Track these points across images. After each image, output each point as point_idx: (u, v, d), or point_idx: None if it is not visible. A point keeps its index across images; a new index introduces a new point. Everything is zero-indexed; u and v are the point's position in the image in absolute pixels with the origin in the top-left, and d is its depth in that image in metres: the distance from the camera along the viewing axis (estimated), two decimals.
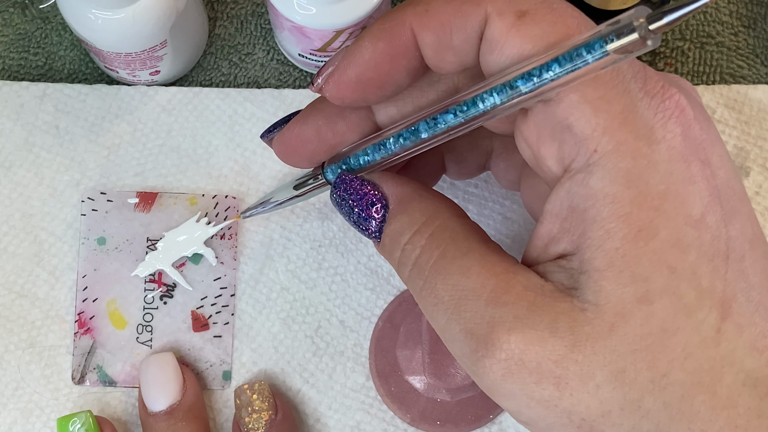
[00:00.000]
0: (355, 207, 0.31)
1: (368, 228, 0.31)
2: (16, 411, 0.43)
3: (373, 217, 0.31)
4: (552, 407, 0.26)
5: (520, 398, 0.27)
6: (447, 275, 0.28)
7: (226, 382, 0.43)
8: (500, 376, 0.27)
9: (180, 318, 0.44)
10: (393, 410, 0.43)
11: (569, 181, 0.27)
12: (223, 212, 0.44)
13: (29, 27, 0.46)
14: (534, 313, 0.26)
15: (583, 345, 0.26)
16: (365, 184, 0.31)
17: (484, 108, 0.27)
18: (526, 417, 0.27)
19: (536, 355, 0.26)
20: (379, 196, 0.31)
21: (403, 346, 0.43)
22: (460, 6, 0.28)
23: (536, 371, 0.26)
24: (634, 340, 0.26)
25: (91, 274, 0.44)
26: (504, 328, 0.26)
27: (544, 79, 0.26)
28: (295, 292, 0.44)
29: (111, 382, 0.43)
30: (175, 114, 0.45)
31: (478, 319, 0.27)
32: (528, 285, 0.27)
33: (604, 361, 0.26)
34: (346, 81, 0.31)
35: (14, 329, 0.44)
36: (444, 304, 0.28)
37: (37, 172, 0.45)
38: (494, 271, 0.28)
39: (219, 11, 0.47)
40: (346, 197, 0.31)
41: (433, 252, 0.29)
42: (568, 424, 0.26)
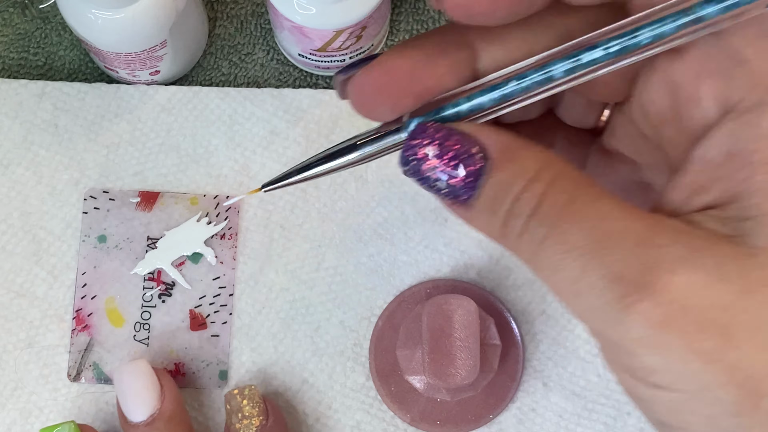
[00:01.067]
0: (443, 162, 0.26)
1: (460, 185, 0.25)
2: (15, 411, 0.43)
3: (469, 171, 0.25)
4: (713, 361, 0.23)
5: (675, 351, 0.23)
6: (581, 218, 0.24)
7: (222, 381, 0.43)
8: (658, 323, 0.23)
9: (178, 317, 0.44)
10: (393, 410, 0.43)
11: (733, 122, 0.24)
12: (224, 212, 0.44)
13: (29, 27, 0.46)
14: (697, 254, 0.23)
15: (755, 292, 0.23)
16: (454, 132, 0.26)
17: (647, 39, 0.24)
18: (674, 376, 0.24)
19: (702, 300, 0.23)
20: (475, 145, 0.25)
21: (403, 346, 0.43)
22: None
23: (701, 319, 0.23)
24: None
25: (90, 271, 0.44)
26: (664, 269, 0.23)
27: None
28: (295, 291, 0.44)
29: (107, 380, 0.43)
30: (174, 113, 0.45)
31: (629, 261, 0.23)
32: (680, 228, 0.24)
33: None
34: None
35: (12, 329, 0.43)
36: (579, 249, 0.24)
37: (35, 171, 0.45)
38: (638, 215, 0.24)
39: (219, 11, 0.47)
40: (430, 151, 0.26)
41: (557, 198, 0.25)
42: (728, 383, 0.23)
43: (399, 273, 0.44)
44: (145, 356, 0.43)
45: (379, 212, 0.45)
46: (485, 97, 0.26)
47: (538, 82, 0.26)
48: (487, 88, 0.26)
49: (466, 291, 0.44)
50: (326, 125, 0.45)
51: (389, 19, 0.45)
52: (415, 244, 0.45)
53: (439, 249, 0.45)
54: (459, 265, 0.45)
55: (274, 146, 0.45)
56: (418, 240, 0.45)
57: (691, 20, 0.24)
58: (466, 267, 0.45)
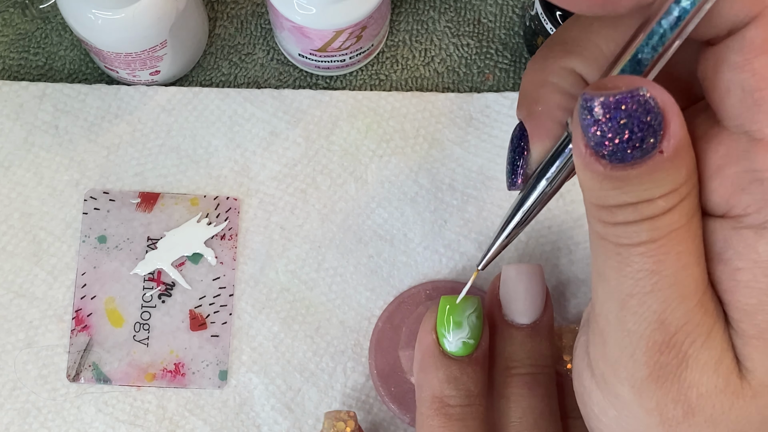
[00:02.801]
0: (632, 133, 0.24)
1: (624, 153, 0.25)
2: (13, 411, 0.43)
3: (644, 148, 0.24)
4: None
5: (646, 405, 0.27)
6: (677, 255, 0.25)
7: (222, 381, 0.43)
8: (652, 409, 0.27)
9: (178, 317, 0.44)
10: (393, 410, 0.43)
11: (734, 231, 0.26)
12: (224, 213, 0.44)
13: (29, 27, 0.46)
14: (709, 344, 0.26)
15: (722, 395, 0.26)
16: (654, 112, 0.24)
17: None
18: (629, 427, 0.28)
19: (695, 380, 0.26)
20: (662, 129, 0.24)
21: (406, 346, 0.43)
22: None
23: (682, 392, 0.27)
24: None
25: (90, 272, 0.44)
26: (696, 342, 0.26)
27: None
28: (295, 292, 0.44)
29: (106, 380, 0.43)
30: (174, 114, 0.45)
31: (674, 316, 0.26)
32: (713, 311, 0.27)
33: (729, 422, 0.26)
34: None
35: (12, 329, 0.43)
36: (658, 278, 0.26)
37: (36, 172, 0.45)
38: (704, 280, 0.26)
39: (219, 11, 0.47)
40: (623, 115, 0.24)
41: (674, 220, 0.25)
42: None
43: (398, 274, 0.44)
44: (145, 356, 0.43)
45: (379, 213, 0.45)
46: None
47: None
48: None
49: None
50: (326, 126, 0.45)
51: (389, 19, 0.45)
52: (415, 245, 0.45)
53: (438, 250, 0.45)
54: (458, 267, 0.45)
55: (274, 147, 0.45)
56: (417, 241, 0.45)
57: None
58: (465, 269, 0.45)
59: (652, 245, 0.25)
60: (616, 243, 0.26)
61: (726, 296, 0.26)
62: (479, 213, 0.45)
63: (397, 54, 0.47)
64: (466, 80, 0.46)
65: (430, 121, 0.45)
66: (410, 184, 0.45)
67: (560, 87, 0.29)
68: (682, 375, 0.26)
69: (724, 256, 0.26)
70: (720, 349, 0.26)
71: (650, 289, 0.26)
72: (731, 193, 0.25)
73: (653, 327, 0.26)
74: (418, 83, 0.46)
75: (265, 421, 0.43)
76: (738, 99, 0.24)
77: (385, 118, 0.45)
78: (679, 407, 0.26)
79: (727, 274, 0.26)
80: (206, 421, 0.43)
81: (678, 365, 0.26)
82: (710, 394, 0.26)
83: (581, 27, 0.29)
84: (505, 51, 0.47)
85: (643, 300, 0.26)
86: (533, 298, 0.38)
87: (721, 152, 0.25)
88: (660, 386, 0.26)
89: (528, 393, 0.37)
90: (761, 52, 0.24)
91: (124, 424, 0.43)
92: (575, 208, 0.45)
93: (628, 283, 0.26)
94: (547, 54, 0.29)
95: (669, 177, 0.25)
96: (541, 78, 0.29)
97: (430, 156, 0.45)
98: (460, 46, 0.47)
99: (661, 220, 0.25)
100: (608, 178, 0.25)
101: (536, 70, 0.29)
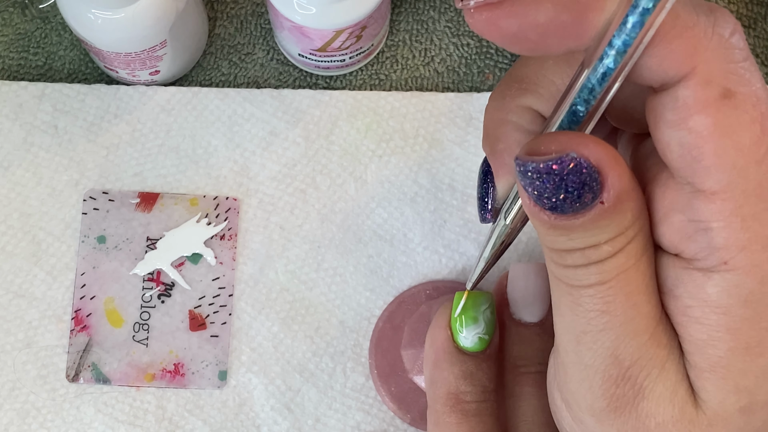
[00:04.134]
0: (567, 192, 0.25)
1: (567, 206, 0.25)
2: (12, 412, 0.43)
3: (583, 202, 0.25)
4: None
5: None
6: (625, 295, 0.26)
7: (222, 382, 0.43)
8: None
9: (177, 317, 0.43)
10: (393, 410, 0.43)
11: (684, 271, 0.26)
12: (224, 213, 0.44)
13: (29, 27, 0.46)
14: (664, 375, 0.27)
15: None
16: (587, 170, 0.25)
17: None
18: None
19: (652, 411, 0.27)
20: (600, 182, 0.25)
21: (408, 346, 0.42)
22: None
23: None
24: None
25: (89, 272, 0.44)
26: (651, 374, 0.27)
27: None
28: (295, 292, 0.44)
29: (105, 380, 0.43)
30: (174, 114, 0.45)
31: (627, 351, 0.27)
32: (666, 343, 0.27)
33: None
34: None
35: (11, 329, 0.43)
36: (609, 317, 0.26)
37: (35, 172, 0.45)
38: (655, 315, 0.27)
39: (219, 11, 0.47)
40: (563, 183, 0.25)
41: (622, 262, 0.26)
42: None
43: (398, 274, 0.44)
44: (144, 357, 0.43)
45: (379, 213, 0.45)
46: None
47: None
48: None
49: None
50: (325, 126, 0.45)
51: (389, 19, 0.45)
52: (415, 245, 0.45)
53: (438, 250, 0.45)
54: (458, 267, 0.45)
55: (274, 147, 0.45)
56: (417, 241, 0.45)
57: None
58: (465, 269, 0.45)
59: (601, 287, 0.26)
60: (567, 284, 0.27)
61: (679, 329, 0.27)
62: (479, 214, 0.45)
63: (397, 54, 0.47)
64: (466, 80, 0.46)
65: (430, 120, 0.45)
66: (410, 184, 0.45)
67: (518, 125, 0.29)
68: (639, 405, 0.27)
69: (675, 293, 0.27)
70: (674, 381, 0.27)
71: (602, 327, 0.27)
72: (679, 240, 0.26)
73: (608, 362, 0.27)
74: (418, 83, 0.46)
75: (265, 421, 0.43)
76: (678, 154, 0.25)
77: (385, 118, 0.45)
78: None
79: (679, 310, 0.27)
80: (206, 422, 0.43)
81: (634, 396, 0.27)
82: (667, 423, 0.27)
83: (535, 64, 0.29)
84: (505, 51, 0.47)
85: (596, 337, 0.27)
86: (541, 296, 0.38)
87: (668, 199, 0.26)
88: (618, 416, 0.27)
89: (538, 392, 0.37)
90: (695, 111, 0.24)
91: (124, 425, 0.43)
92: None
93: (581, 321, 0.27)
94: (505, 92, 0.30)
95: (613, 223, 0.25)
96: (500, 116, 0.30)
97: (430, 156, 0.45)
98: (460, 46, 0.47)
99: (609, 263, 0.26)
100: (554, 227, 0.26)
101: (495, 108, 0.30)
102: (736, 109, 0.24)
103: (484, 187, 0.32)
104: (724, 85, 0.24)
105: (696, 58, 0.24)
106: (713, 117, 0.24)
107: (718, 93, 0.24)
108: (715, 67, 0.24)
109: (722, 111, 0.24)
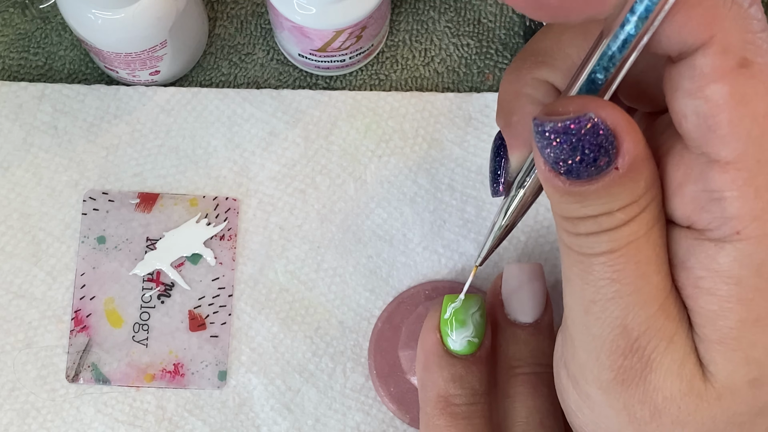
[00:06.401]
0: (584, 155, 0.25)
1: (582, 169, 0.25)
2: (12, 412, 0.43)
3: (598, 165, 0.25)
4: (632, 422, 0.28)
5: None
6: (636, 264, 0.26)
7: (222, 382, 0.43)
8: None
9: (177, 317, 0.43)
10: (392, 411, 0.43)
11: (696, 242, 0.26)
12: (223, 214, 0.44)
13: (29, 27, 0.46)
14: (672, 348, 0.27)
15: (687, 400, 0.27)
16: (604, 133, 0.25)
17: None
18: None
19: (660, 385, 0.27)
20: (615, 146, 0.25)
21: (406, 347, 0.42)
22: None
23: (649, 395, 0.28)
24: (734, 416, 0.27)
25: (89, 272, 0.44)
26: (659, 346, 0.27)
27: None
28: (295, 292, 0.44)
29: (105, 380, 0.43)
30: (174, 114, 0.45)
31: (635, 321, 0.27)
32: (675, 315, 0.27)
33: (696, 423, 0.27)
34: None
35: (11, 330, 0.43)
36: (618, 285, 0.27)
37: (35, 173, 0.45)
38: (665, 287, 0.27)
39: (219, 11, 0.47)
40: (578, 143, 0.25)
41: (634, 230, 0.26)
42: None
43: (398, 274, 0.44)
44: (144, 357, 0.43)
45: (378, 213, 0.45)
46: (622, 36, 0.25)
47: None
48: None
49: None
50: (325, 126, 0.45)
51: (389, 19, 0.45)
52: (414, 245, 0.45)
53: (437, 251, 0.45)
54: (457, 267, 0.45)
55: (273, 147, 0.45)
56: (417, 241, 0.45)
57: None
58: (464, 269, 0.45)
59: (612, 255, 0.26)
60: (578, 252, 0.27)
61: (689, 302, 0.27)
62: (478, 213, 0.45)
63: (397, 54, 0.47)
64: (466, 80, 0.46)
65: (429, 121, 0.45)
66: (409, 184, 0.45)
67: (533, 98, 0.30)
68: (647, 378, 0.27)
69: (686, 264, 0.27)
70: (683, 354, 0.27)
71: (611, 296, 0.27)
72: (692, 210, 0.26)
73: (616, 332, 0.27)
74: (418, 83, 0.46)
75: (265, 421, 0.43)
76: (693, 124, 0.25)
77: (384, 118, 0.45)
78: (646, 409, 0.27)
79: (690, 282, 0.27)
80: (205, 422, 0.43)
81: (642, 369, 0.27)
82: (675, 397, 0.27)
83: (552, 37, 0.30)
84: (505, 51, 0.47)
85: (605, 306, 0.27)
86: (535, 296, 0.38)
87: (682, 170, 0.26)
88: (626, 389, 0.27)
89: (533, 392, 0.37)
90: (712, 80, 0.24)
91: (124, 425, 0.43)
92: None
93: (590, 290, 0.27)
94: (521, 65, 0.30)
95: (626, 191, 0.26)
96: (515, 89, 0.30)
97: (429, 156, 0.45)
98: (460, 46, 0.47)
99: (621, 231, 0.26)
100: (568, 194, 0.26)
101: (511, 81, 0.30)
102: (752, 78, 0.24)
103: (497, 160, 0.32)
104: (741, 54, 0.24)
105: (714, 27, 0.24)
106: (730, 86, 0.24)
107: (736, 62, 0.24)
108: (733, 36, 0.24)
109: (739, 80, 0.24)
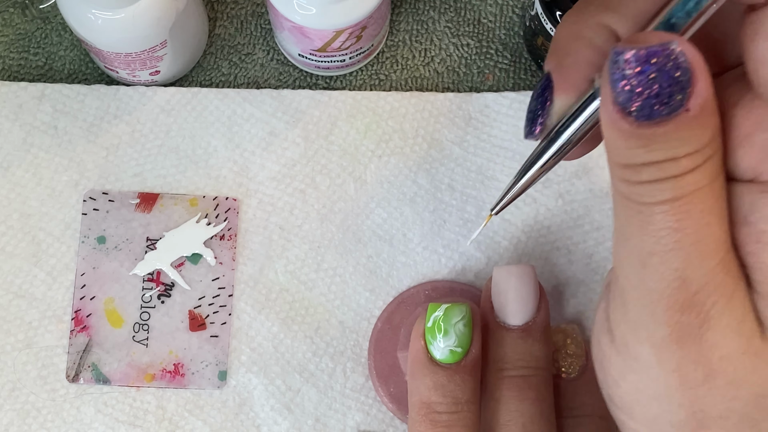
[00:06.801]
0: (661, 88, 0.25)
1: (653, 110, 0.25)
2: (12, 412, 0.43)
3: (671, 106, 0.25)
4: (688, 388, 0.27)
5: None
6: (699, 213, 0.26)
7: (222, 382, 0.43)
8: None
9: (177, 317, 0.44)
10: (392, 411, 0.43)
11: (760, 195, 0.26)
12: (223, 214, 0.44)
13: (29, 27, 0.46)
14: (732, 305, 0.26)
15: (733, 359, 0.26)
16: (682, 69, 0.24)
17: None
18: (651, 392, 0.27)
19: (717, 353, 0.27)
20: (690, 86, 0.25)
21: (404, 348, 0.42)
22: None
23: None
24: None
25: (89, 272, 0.44)
26: (719, 302, 0.26)
27: None
28: (295, 292, 0.44)
29: (105, 380, 0.43)
30: (174, 115, 0.45)
31: (696, 274, 0.26)
32: (735, 272, 0.27)
33: (751, 384, 0.26)
34: None
35: (11, 330, 0.43)
36: (681, 235, 0.26)
37: (35, 173, 0.45)
38: (725, 241, 0.26)
39: (219, 11, 0.47)
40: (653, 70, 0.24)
41: (697, 179, 0.25)
42: (683, 406, 0.27)
43: (398, 274, 0.44)
44: (144, 357, 0.43)
45: (378, 213, 0.45)
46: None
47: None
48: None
49: (465, 293, 0.44)
50: (325, 126, 0.45)
51: (389, 19, 0.45)
52: (414, 245, 0.45)
53: (437, 251, 0.45)
54: (457, 267, 0.45)
55: (273, 147, 0.45)
56: (417, 241, 0.45)
57: None
58: (464, 269, 0.45)
59: (675, 203, 0.25)
60: (638, 202, 0.26)
61: (750, 258, 0.26)
62: (478, 213, 0.45)
63: (397, 54, 0.47)
64: (466, 80, 0.46)
65: (429, 121, 0.45)
66: (409, 184, 0.45)
67: (593, 42, 0.28)
68: (704, 336, 0.26)
69: (749, 219, 0.26)
70: (742, 311, 0.26)
71: (672, 246, 0.26)
72: (760, 160, 0.25)
73: (675, 285, 0.26)
74: (418, 83, 0.46)
75: (265, 421, 0.43)
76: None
77: (384, 118, 0.45)
78: (700, 369, 0.26)
79: (752, 237, 0.26)
80: (205, 422, 0.43)
81: (700, 326, 0.26)
82: (732, 356, 0.26)
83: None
84: (505, 51, 0.47)
85: (664, 258, 0.26)
86: (524, 299, 0.38)
87: (752, 119, 0.26)
88: (681, 346, 0.26)
89: (517, 395, 0.37)
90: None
91: (124, 425, 0.43)
92: (574, 208, 0.45)
93: (649, 242, 0.26)
94: (585, 8, 0.29)
95: (694, 136, 0.25)
96: (575, 31, 0.29)
97: (429, 156, 0.45)
98: (460, 46, 0.47)
99: (685, 179, 0.25)
100: (634, 136, 0.25)
101: (571, 22, 0.29)
102: None
103: (540, 100, 0.31)
104: None
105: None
106: None
107: None
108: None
109: None
